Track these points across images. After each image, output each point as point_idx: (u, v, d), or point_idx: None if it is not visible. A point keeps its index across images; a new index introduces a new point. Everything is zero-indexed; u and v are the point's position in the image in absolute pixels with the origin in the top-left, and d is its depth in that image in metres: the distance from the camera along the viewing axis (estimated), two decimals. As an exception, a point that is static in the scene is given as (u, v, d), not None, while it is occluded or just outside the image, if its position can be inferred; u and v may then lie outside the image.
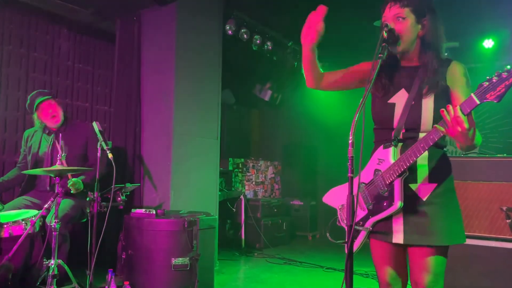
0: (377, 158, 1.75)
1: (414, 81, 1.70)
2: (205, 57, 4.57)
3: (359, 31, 4.99)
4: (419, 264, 1.66)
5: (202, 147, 4.47)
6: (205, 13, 4.58)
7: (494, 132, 6.12)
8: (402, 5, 1.67)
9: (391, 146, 1.69)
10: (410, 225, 1.66)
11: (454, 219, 1.67)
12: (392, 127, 1.72)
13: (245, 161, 7.05)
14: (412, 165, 1.64)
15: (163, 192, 4.10)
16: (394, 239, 1.68)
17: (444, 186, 1.67)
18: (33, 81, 4.13)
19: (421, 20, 1.70)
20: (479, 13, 4.80)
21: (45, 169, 2.99)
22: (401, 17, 1.67)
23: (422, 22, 1.70)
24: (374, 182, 1.73)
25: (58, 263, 2.66)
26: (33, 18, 4.15)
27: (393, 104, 1.73)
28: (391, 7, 1.69)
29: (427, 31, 1.70)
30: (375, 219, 1.72)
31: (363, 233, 1.76)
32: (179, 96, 4.22)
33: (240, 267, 4.94)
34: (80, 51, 4.57)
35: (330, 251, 5.55)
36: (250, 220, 5.90)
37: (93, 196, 2.87)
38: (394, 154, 1.68)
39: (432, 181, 1.67)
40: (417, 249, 1.67)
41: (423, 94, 1.67)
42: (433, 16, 1.71)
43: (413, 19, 1.68)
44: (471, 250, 3.06)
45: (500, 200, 3.05)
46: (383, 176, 1.68)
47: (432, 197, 1.66)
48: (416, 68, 1.74)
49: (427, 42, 1.71)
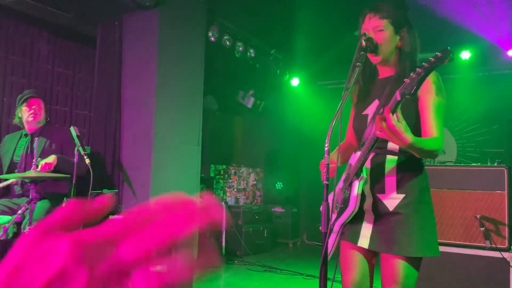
0: (349, 163, 1.80)
1: (385, 90, 1.74)
2: (188, 63, 4.56)
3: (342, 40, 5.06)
4: (388, 274, 1.66)
5: (183, 153, 4.44)
6: (188, 19, 4.58)
7: (471, 142, 6.25)
8: (381, 16, 1.70)
9: (358, 151, 1.73)
10: (376, 232, 1.68)
11: (422, 231, 1.64)
12: (365, 137, 1.75)
13: (227, 168, 7.04)
14: (380, 174, 1.68)
15: (143, 199, 4.06)
16: (360, 242, 1.71)
17: (412, 197, 1.65)
18: (11, 84, 4.06)
19: (399, 31, 1.73)
20: (456, 25, 4.92)
21: (19, 174, 2.93)
22: (380, 29, 1.70)
23: (400, 34, 1.73)
24: (342, 185, 1.78)
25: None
26: (12, 20, 4.08)
27: (366, 115, 1.78)
28: (371, 18, 1.72)
29: (405, 42, 1.73)
30: (341, 222, 1.75)
31: (334, 236, 1.79)
32: (161, 102, 4.19)
33: (220, 274, 4.90)
34: (60, 55, 4.51)
35: (310, 258, 5.56)
36: (231, 227, 5.87)
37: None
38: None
39: (400, 192, 1.67)
40: (386, 259, 1.67)
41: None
42: (410, 29, 1.75)
43: (392, 30, 1.71)
44: (447, 257, 3.11)
45: (475, 208, 3.11)
46: (348, 178, 1.73)
47: (398, 208, 1.65)
48: (390, 78, 1.78)
49: (404, 53, 1.74)
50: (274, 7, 4.97)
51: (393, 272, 1.64)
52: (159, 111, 4.17)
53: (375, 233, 1.68)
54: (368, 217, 1.71)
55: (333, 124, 1.60)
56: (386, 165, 1.69)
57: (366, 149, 1.62)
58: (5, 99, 4.00)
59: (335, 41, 5.21)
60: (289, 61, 6.70)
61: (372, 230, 1.69)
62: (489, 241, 3.01)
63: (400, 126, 1.41)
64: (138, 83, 4.24)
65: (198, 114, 4.68)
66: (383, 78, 1.81)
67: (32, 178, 2.68)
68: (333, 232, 1.78)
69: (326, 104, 6.24)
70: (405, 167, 1.67)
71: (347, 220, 1.72)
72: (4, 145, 3.42)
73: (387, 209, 1.67)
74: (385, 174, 1.69)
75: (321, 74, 6.95)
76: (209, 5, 4.82)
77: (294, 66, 6.92)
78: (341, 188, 1.79)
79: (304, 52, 6.20)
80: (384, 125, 1.40)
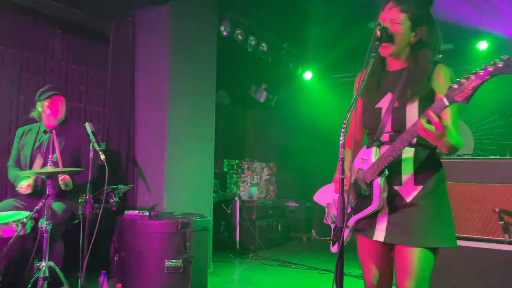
0: (360, 158, 1.77)
1: (398, 83, 1.71)
2: (200, 58, 4.55)
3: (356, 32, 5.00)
4: (402, 267, 1.64)
5: (196, 149, 4.45)
6: (200, 14, 4.57)
7: (488, 134, 6.13)
8: (401, 9, 1.67)
9: (373, 146, 1.71)
10: (392, 225, 1.66)
11: (439, 222, 1.64)
12: (378, 130, 1.73)
13: (240, 163, 7.04)
14: (397, 167, 1.65)
15: (157, 194, 4.08)
16: (375, 236, 1.69)
17: (429, 188, 1.65)
18: (26, 82, 4.10)
19: (416, 28, 1.69)
20: (473, 15, 4.82)
21: (36, 170, 2.97)
22: (397, 22, 1.67)
23: (417, 31, 1.70)
24: (357, 180, 1.75)
25: (49, 265, 2.64)
26: (26, 18, 4.12)
27: (380, 108, 1.75)
28: (391, 9, 1.69)
29: (419, 39, 1.70)
30: (357, 218, 1.73)
31: (347, 231, 1.77)
32: (174, 98, 4.20)
33: (235, 269, 4.92)
34: (74, 52, 4.54)
35: (324, 252, 5.54)
36: (245, 222, 5.88)
37: (85, 197, 2.85)
38: (376, 153, 1.70)
39: (417, 183, 1.66)
40: (401, 251, 1.65)
41: (407, 97, 1.67)
42: (430, 26, 1.71)
43: (409, 26, 1.68)
44: (464, 252, 3.06)
45: (493, 201, 3.05)
46: (364, 175, 1.70)
47: (415, 199, 1.65)
48: (402, 71, 1.74)
49: (419, 49, 1.70)
50: (286, 0, 4.92)
51: (407, 264, 1.62)
52: (172, 106, 4.18)
53: (390, 226, 1.66)
54: (383, 209, 1.69)
55: (347, 117, 1.59)
56: (403, 157, 1.67)
57: (397, 148, 1.58)
58: (21, 96, 4.05)
59: (348, 33, 5.14)
60: (302, 54, 6.64)
61: (387, 222, 1.67)
62: (508, 234, 2.96)
63: (445, 128, 1.43)
64: (151, 79, 4.26)
65: (211, 109, 4.68)
66: (394, 70, 1.77)
67: (48, 174, 2.71)
68: (346, 227, 1.76)
69: (340, 97, 6.17)
70: (422, 159, 1.67)
71: (366, 216, 1.70)
72: (21, 137, 3.43)
73: (403, 200, 1.66)
74: (402, 166, 1.67)
75: (335, 67, 6.87)
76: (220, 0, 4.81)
77: (307, 59, 6.86)
78: (354, 182, 1.76)
79: (317, 45, 6.13)
80: (431, 128, 1.42)
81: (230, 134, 7.06)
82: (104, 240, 3.71)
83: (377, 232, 1.69)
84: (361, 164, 1.75)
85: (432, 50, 1.70)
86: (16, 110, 4.00)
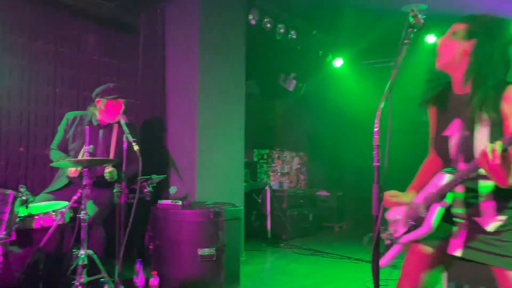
0: (434, 183, 1.68)
1: (466, 110, 1.59)
2: (229, 48, 4.54)
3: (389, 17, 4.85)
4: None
5: (227, 139, 4.47)
6: (228, 3, 4.55)
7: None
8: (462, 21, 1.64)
9: (447, 173, 1.61)
10: (473, 241, 1.58)
11: None
12: (449, 159, 1.67)
13: (270, 152, 7.03)
14: (474, 200, 1.59)
15: (189, 184, 4.14)
16: (450, 250, 1.63)
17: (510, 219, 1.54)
18: (61, 76, 4.21)
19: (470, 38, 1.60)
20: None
21: (73, 159, 3.05)
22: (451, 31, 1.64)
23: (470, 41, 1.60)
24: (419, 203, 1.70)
25: (87, 253, 2.72)
26: (59, 14, 4.21)
27: (447, 136, 1.67)
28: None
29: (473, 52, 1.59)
30: (410, 238, 1.70)
31: (399, 247, 1.75)
32: (203, 88, 4.22)
33: (267, 258, 4.94)
34: (106, 45, 4.62)
35: (357, 242, 5.48)
36: (276, 211, 5.89)
37: (120, 187, 2.92)
38: (444, 179, 1.61)
39: (501, 215, 1.55)
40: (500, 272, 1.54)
41: (475, 124, 1.56)
42: (486, 40, 1.58)
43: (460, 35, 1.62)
44: None
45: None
46: (427, 199, 1.65)
47: (500, 227, 1.54)
48: (467, 96, 1.62)
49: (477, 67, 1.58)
50: (315, -14, 4.83)
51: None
52: (202, 97, 4.21)
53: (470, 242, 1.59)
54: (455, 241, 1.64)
55: (382, 105, 1.53)
56: (480, 190, 1.58)
57: (459, 177, 1.52)
58: (58, 90, 4.16)
59: (380, 18, 4.99)
60: (331, 41, 6.51)
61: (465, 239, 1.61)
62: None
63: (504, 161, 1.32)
64: (181, 70, 4.29)
65: (241, 99, 4.68)
66: (459, 94, 1.67)
67: (85, 164, 2.79)
68: (399, 244, 1.75)
69: (372, 84, 6.02)
70: (502, 191, 1.51)
71: (418, 239, 1.67)
72: (71, 124, 3.46)
73: (484, 231, 1.57)
74: (479, 199, 1.58)
75: (366, 53, 6.69)
76: (248, -12, 4.77)
77: (337, 46, 6.72)
78: (418, 204, 1.70)
79: (347, 31, 5.98)
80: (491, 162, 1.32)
81: (260, 123, 7.05)
82: (140, 229, 3.80)
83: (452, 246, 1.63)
84: (434, 188, 1.67)
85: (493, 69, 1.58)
86: (53, 104, 4.12)
